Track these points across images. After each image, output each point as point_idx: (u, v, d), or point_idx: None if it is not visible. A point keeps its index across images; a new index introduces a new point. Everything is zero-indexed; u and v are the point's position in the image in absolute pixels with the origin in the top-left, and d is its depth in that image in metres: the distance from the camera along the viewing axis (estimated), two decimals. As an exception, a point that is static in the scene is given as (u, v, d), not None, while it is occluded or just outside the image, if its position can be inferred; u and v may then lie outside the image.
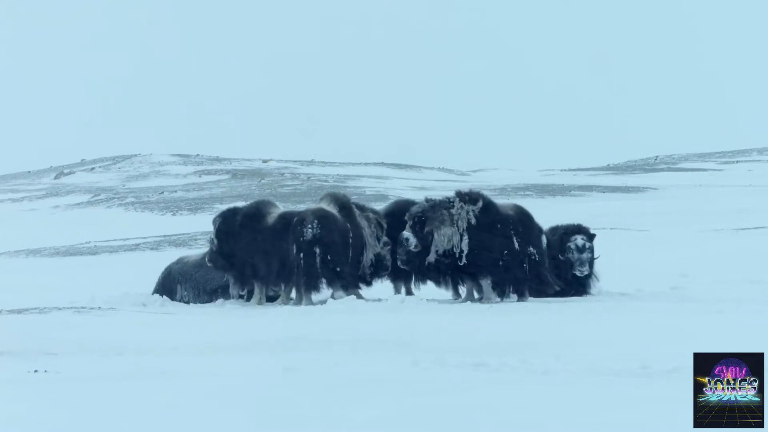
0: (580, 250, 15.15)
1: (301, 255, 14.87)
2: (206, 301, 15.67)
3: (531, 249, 14.63)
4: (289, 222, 15.12)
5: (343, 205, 15.34)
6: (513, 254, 14.57)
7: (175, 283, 15.92)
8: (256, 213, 15.43)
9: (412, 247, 14.55)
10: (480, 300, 14.76)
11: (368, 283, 15.53)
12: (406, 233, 14.64)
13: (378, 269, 15.42)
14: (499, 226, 14.64)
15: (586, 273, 15.14)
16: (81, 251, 27.27)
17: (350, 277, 15.15)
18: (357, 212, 15.39)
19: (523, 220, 14.84)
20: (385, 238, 15.31)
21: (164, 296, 15.75)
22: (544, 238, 14.90)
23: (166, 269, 16.22)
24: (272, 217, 15.34)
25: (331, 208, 15.26)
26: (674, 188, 42.28)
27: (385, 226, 15.34)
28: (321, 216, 15.07)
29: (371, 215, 15.46)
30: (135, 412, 7.09)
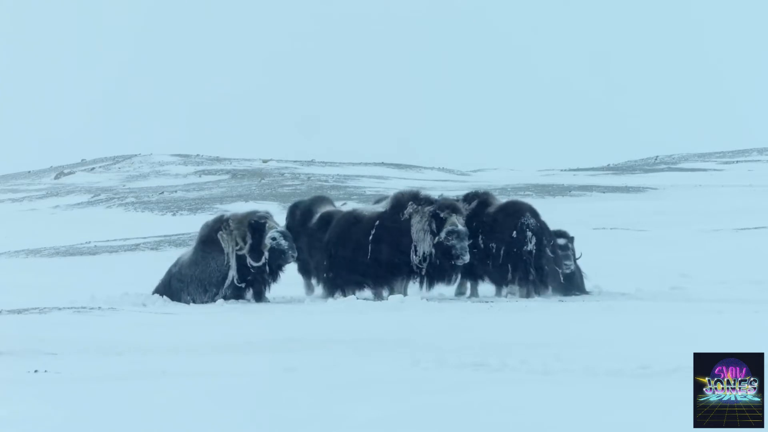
0: (563, 249, 16.40)
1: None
2: (214, 294, 15.55)
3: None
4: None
5: (396, 202, 15.66)
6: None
7: (179, 292, 15.73)
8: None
9: None
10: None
11: (420, 274, 15.50)
12: None
13: (442, 260, 15.33)
14: None
15: (572, 269, 16.44)
16: (81, 251, 27.26)
17: (351, 273, 15.64)
18: (410, 209, 15.42)
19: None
20: (449, 227, 15.26)
21: (164, 296, 15.70)
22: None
23: (166, 275, 16.04)
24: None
25: (375, 207, 15.98)
26: (674, 188, 42.26)
27: (444, 216, 15.30)
28: (323, 215, 16.24)
29: (427, 208, 15.44)
30: (135, 412, 7.09)
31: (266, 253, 15.38)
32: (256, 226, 15.42)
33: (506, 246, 15.80)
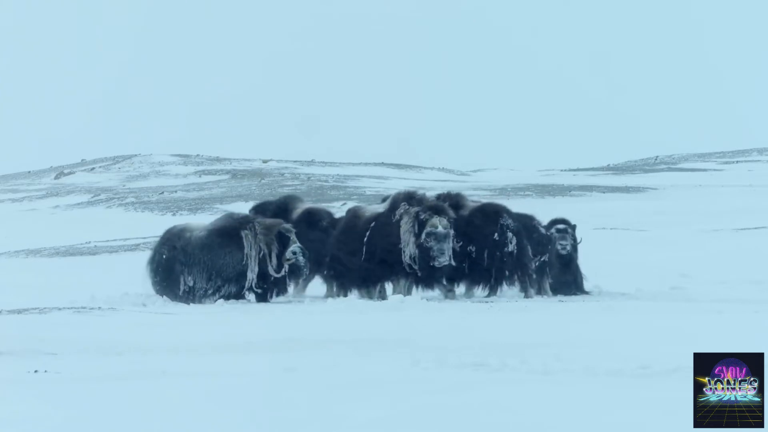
0: (561, 232, 16.89)
1: None
2: (218, 287, 15.48)
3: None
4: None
5: (392, 202, 15.76)
6: None
7: (178, 274, 15.66)
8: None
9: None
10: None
11: (412, 275, 15.46)
12: None
13: (424, 261, 15.25)
14: None
15: (568, 249, 16.83)
16: (81, 251, 27.26)
17: (336, 272, 15.92)
18: (401, 210, 15.44)
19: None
20: (428, 229, 15.21)
21: (159, 278, 15.60)
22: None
23: (167, 249, 15.75)
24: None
25: (377, 207, 16.20)
26: (674, 188, 42.29)
27: (424, 218, 15.26)
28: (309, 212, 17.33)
29: (412, 210, 15.43)
30: (135, 412, 7.09)
31: (285, 266, 15.41)
32: (282, 237, 15.45)
33: (489, 249, 15.80)
